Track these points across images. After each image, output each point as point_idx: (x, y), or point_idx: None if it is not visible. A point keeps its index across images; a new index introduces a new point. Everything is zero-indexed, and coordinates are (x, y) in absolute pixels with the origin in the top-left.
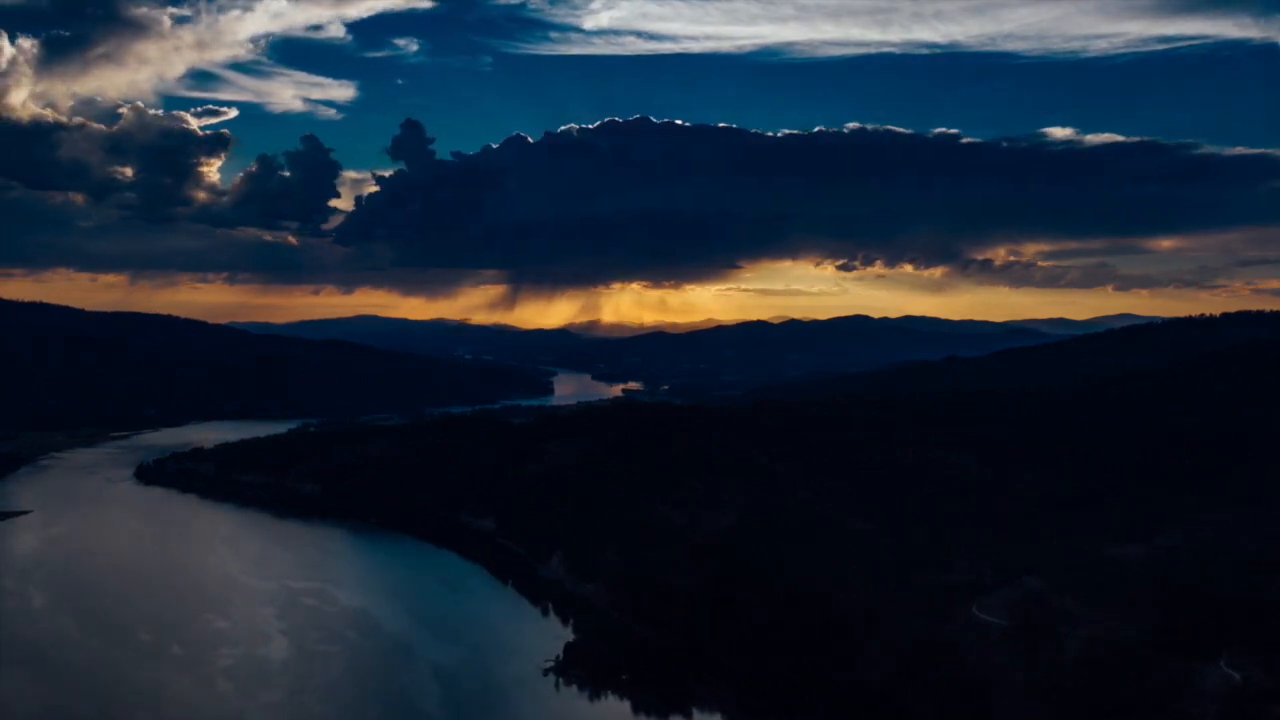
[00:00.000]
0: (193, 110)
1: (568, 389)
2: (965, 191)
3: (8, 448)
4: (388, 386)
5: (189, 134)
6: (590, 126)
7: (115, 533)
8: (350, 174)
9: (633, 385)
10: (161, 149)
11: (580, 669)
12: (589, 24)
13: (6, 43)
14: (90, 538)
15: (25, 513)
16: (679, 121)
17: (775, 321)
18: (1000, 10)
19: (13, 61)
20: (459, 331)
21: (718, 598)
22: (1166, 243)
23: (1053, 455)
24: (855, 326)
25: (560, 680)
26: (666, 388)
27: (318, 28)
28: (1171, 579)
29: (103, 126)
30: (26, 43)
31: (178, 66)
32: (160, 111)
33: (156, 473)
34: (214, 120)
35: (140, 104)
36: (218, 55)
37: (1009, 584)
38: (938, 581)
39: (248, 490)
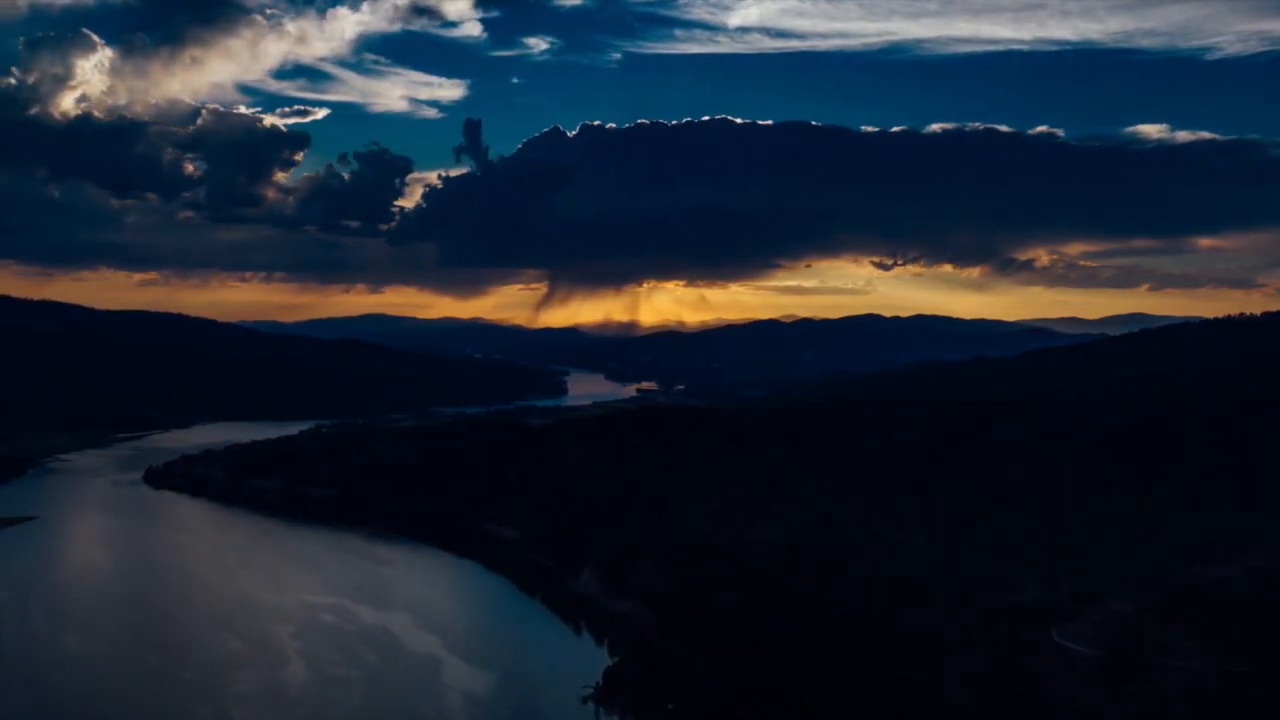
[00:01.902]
0: (279, 110)
1: (582, 389)
2: (1022, 191)
3: (13, 449)
4: (399, 386)
5: (266, 134)
6: (669, 124)
7: (122, 542)
8: (427, 174)
9: (647, 385)
10: (239, 147)
11: (622, 697)
12: (734, 21)
13: (97, 40)
14: (96, 547)
15: (29, 519)
16: (765, 121)
17: (786, 320)
18: (1146, 7)
19: (99, 64)
20: (469, 331)
21: (767, 618)
22: (1206, 241)
23: (1107, 462)
24: (868, 325)
25: (601, 710)
26: (682, 388)
27: (453, 25)
28: (1272, 603)
29: (179, 129)
30: (111, 47)
31: (268, 63)
32: (246, 110)
33: (166, 476)
34: (302, 120)
35: (218, 105)
36: (325, 52)
37: (1091, 607)
38: (1008, 603)
39: (260, 495)
